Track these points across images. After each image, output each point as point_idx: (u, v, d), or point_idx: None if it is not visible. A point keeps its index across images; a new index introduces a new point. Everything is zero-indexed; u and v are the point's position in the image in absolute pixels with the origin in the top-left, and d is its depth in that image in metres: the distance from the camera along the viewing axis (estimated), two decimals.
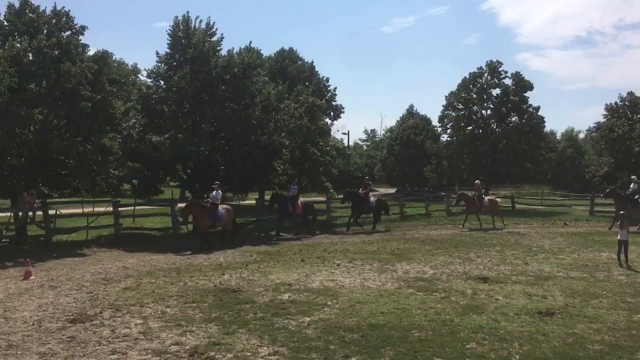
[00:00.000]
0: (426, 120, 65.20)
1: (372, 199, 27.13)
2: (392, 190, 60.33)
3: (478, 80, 45.26)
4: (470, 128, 45.55)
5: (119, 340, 8.76)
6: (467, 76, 45.65)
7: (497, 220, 27.98)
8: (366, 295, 11.86)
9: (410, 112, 70.61)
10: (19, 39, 20.78)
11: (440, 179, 56.95)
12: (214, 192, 20.99)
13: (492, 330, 9.29)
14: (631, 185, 26.46)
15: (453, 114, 46.11)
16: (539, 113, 44.84)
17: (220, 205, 20.84)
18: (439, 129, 52.69)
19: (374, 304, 11.04)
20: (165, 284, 13.30)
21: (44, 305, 11.09)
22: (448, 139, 49.06)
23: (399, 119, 71.43)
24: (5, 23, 21.14)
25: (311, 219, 25.56)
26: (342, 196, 28.51)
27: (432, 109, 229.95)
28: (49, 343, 8.60)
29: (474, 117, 45.34)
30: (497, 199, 30.06)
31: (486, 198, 28.52)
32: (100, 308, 10.80)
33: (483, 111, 45.66)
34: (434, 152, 51.13)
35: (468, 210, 28.21)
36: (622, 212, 20.15)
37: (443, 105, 47.04)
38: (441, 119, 48.18)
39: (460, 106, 45.66)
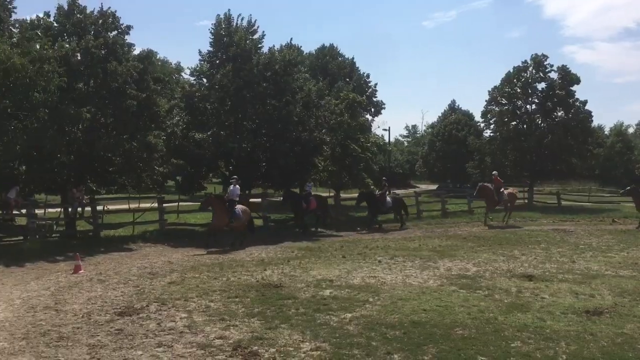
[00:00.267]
0: (468, 116, 64.21)
1: (388, 198, 26.71)
2: (434, 187, 59.72)
3: (522, 74, 44.21)
4: (514, 123, 44.56)
5: (164, 333, 8.96)
6: (511, 70, 44.63)
7: (506, 214, 27.55)
8: (408, 292, 11.79)
9: (452, 108, 69.70)
10: (67, 40, 21.41)
11: (483, 175, 55.91)
12: (232, 187, 20.62)
13: (537, 329, 9.10)
14: None
15: (496, 109, 45.20)
16: (586, 107, 43.53)
17: (238, 205, 20.25)
18: (482, 125, 51.67)
19: (416, 301, 10.96)
20: (209, 278, 13.51)
21: (93, 299, 11.43)
22: (491, 134, 48.09)
23: (440, 115, 70.62)
24: (55, 24, 21.81)
25: (322, 214, 25.44)
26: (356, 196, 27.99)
27: (474, 104, 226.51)
28: (98, 335, 8.85)
29: (518, 112, 44.33)
30: (516, 193, 29.30)
31: (506, 191, 27.77)
32: (146, 302, 11.06)
33: (527, 106, 44.59)
34: (476, 148, 50.23)
35: (487, 204, 27.63)
36: None
37: (486, 101, 46.13)
38: (484, 114, 47.26)
39: (504, 101, 44.72)
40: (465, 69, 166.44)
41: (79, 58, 20.82)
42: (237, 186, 20.79)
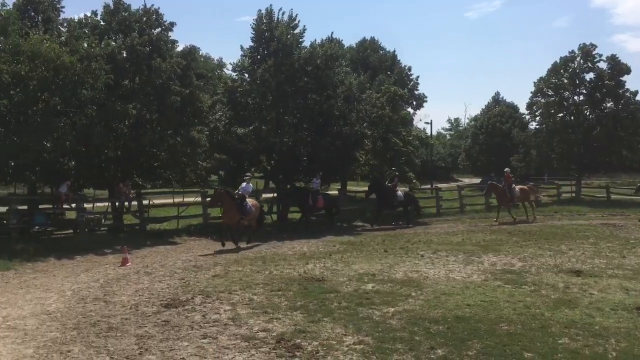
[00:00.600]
0: (513, 108, 62.85)
1: (400, 192, 25.59)
2: (477, 180, 58.79)
3: (570, 64, 42.97)
4: (561, 115, 43.40)
5: (209, 325, 9.10)
6: (558, 61, 43.45)
7: (529, 210, 26.41)
8: (451, 287, 11.65)
9: (496, 100, 68.30)
10: (113, 37, 21.92)
11: (528, 168, 54.74)
12: (244, 184, 19.78)
13: (586, 325, 8.87)
14: None
15: (542, 100, 44.10)
16: (637, 98, 42.11)
17: (248, 200, 19.51)
18: (527, 117, 50.50)
19: (460, 296, 10.83)
20: (252, 272, 13.66)
21: (140, 291, 11.70)
22: (537, 126, 46.97)
23: (484, 107, 69.23)
24: (101, 22, 22.36)
25: (330, 214, 24.62)
26: (367, 189, 26.47)
27: (519, 96, 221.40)
28: (146, 326, 9.06)
29: (565, 103, 43.14)
30: (528, 188, 27.69)
31: (517, 188, 26.43)
32: (191, 294, 11.25)
33: (575, 97, 43.33)
34: (521, 140, 49.19)
35: (499, 202, 26.41)
36: None
37: (531, 92, 45.04)
38: (529, 106, 46.17)
39: (550, 92, 43.57)
40: (510, 60, 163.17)
41: (124, 55, 21.30)
42: (250, 184, 20.42)
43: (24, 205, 19.94)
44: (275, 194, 27.20)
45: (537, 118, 45.81)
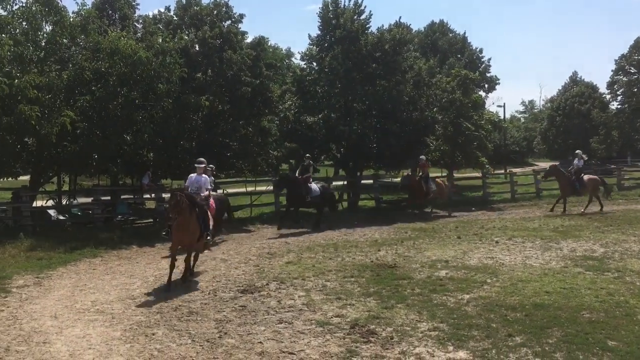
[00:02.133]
0: (592, 88, 60.01)
1: (315, 186, 20.28)
2: (555, 164, 56.69)
3: None
4: None
5: (284, 310, 9.29)
6: None
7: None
8: (529, 274, 11.34)
9: (574, 80, 65.44)
10: (186, 32, 22.59)
11: (609, 150, 52.27)
12: (194, 176, 13.66)
13: None
14: None
15: (624, 78, 42.03)
16: None
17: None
18: (608, 96, 48.35)
19: (538, 283, 10.53)
20: (324, 258, 13.80)
21: (218, 277, 12.09)
22: (618, 106, 44.85)
23: (560, 88, 66.65)
24: (174, 18, 23.09)
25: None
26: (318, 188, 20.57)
27: (598, 75, 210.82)
28: (224, 311, 9.37)
29: None
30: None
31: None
32: (266, 280, 11.51)
33: None
34: (601, 121, 47.07)
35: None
36: None
37: (612, 70, 43.18)
38: (610, 85, 44.15)
39: (633, 70, 41.43)
40: (588, 38, 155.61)
41: (197, 49, 21.91)
42: (203, 176, 14.75)
43: (107, 196, 20.96)
44: (346, 182, 27.28)
45: (619, 97, 43.74)
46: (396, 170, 32.99)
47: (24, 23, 17.75)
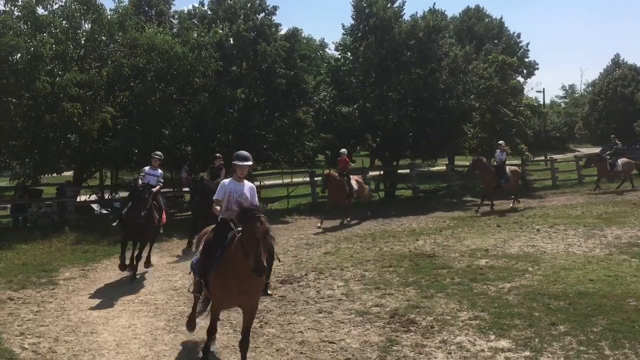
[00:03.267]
0: (635, 70, 58.08)
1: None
2: (597, 150, 55.24)
3: None
4: None
5: (324, 300, 9.35)
6: None
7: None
8: (571, 262, 11.13)
9: (616, 62, 63.45)
10: (220, 26, 22.78)
11: None
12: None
13: None
14: None
15: None
16: None
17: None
18: None
19: (581, 271, 10.32)
20: (362, 249, 13.80)
21: None
22: None
23: (602, 71, 64.65)
24: (209, 12, 23.32)
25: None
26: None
27: None
28: (264, 301, 9.43)
29: None
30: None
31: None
32: (305, 271, 11.58)
33: None
34: None
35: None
36: None
37: None
38: None
39: None
40: (630, 18, 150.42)
41: (231, 42, 22.07)
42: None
43: None
44: (382, 172, 27.15)
45: None
46: (433, 159, 32.68)
47: (64, 22, 18.19)
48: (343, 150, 20.22)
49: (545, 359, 6.66)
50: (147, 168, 12.98)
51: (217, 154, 17.35)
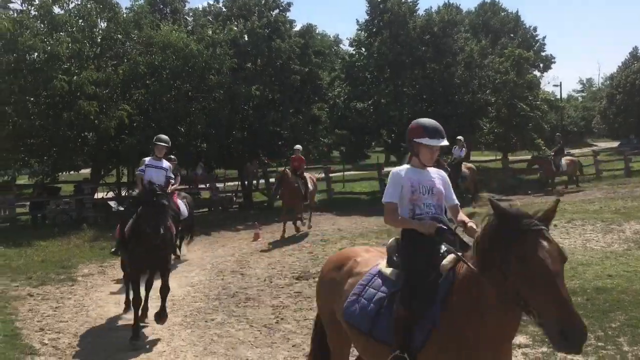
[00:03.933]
0: None
1: (182, 204, 12.45)
2: (615, 144, 54.61)
3: None
4: None
5: None
6: None
7: None
8: (589, 257, 11.00)
9: (635, 55, 62.54)
10: (235, 23, 22.84)
11: None
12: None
13: None
14: None
15: None
16: None
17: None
18: None
19: (599, 266, 10.20)
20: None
21: (272, 264, 12.25)
22: None
23: (620, 65, 63.78)
24: (223, 9, 23.39)
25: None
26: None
27: None
28: (280, 297, 9.51)
29: None
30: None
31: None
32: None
33: None
34: None
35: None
36: None
37: None
38: None
39: None
40: None
41: (246, 39, 22.13)
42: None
43: None
44: None
45: None
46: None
47: (80, 21, 18.37)
48: (297, 146, 17.34)
49: (562, 355, 6.60)
50: (147, 159, 9.85)
51: (172, 153, 13.95)
